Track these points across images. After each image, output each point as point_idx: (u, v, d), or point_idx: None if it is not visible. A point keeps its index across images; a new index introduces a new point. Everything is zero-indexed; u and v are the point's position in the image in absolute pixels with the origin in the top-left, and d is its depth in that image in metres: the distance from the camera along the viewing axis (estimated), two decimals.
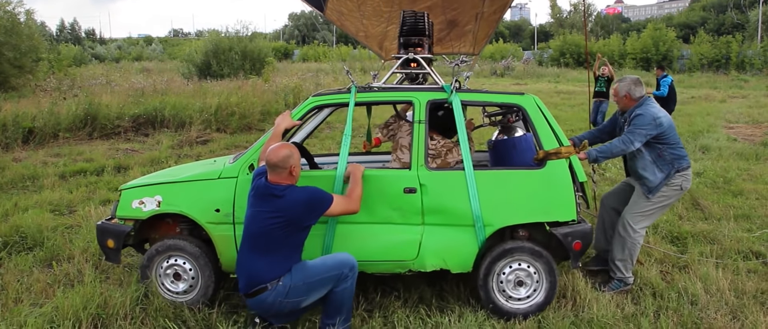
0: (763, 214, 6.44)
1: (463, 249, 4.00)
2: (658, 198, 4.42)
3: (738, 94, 23.56)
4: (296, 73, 24.99)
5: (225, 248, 4.11)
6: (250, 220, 3.60)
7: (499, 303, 4.02)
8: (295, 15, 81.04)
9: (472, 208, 3.94)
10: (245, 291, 3.55)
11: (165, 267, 4.21)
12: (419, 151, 4.04)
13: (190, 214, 4.13)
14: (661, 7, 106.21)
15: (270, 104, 14.76)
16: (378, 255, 4.02)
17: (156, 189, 4.20)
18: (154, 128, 12.74)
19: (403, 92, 4.27)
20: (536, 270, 4.03)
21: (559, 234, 4.01)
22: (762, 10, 42.21)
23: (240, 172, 4.10)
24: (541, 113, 4.14)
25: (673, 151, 4.39)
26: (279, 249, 3.53)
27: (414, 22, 4.47)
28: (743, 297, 4.26)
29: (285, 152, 3.52)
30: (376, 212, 4.00)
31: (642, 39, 38.65)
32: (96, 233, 4.35)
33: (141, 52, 54.52)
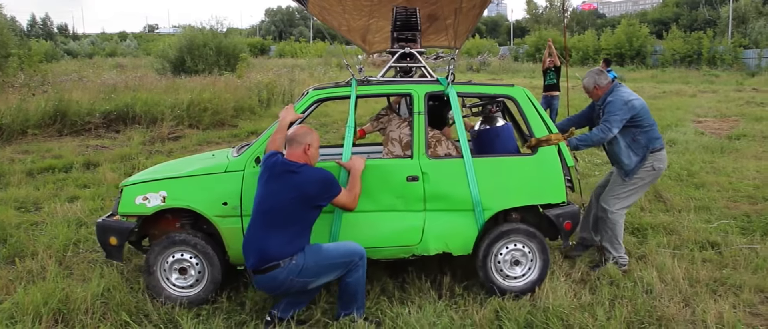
0: (723, 205, 6.60)
1: (463, 233, 4.27)
2: (634, 181, 4.70)
3: (709, 89, 23.92)
4: (272, 69, 24.89)
5: (233, 241, 4.16)
6: (264, 197, 3.65)
7: (498, 281, 4.30)
8: (272, 10, 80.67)
9: (472, 193, 4.22)
10: (256, 267, 3.58)
11: (171, 262, 4.20)
12: (420, 140, 4.26)
13: (197, 208, 4.15)
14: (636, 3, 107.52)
15: (243, 100, 14.71)
16: (383, 242, 4.21)
17: (160, 184, 4.20)
18: (126, 125, 12.63)
19: (402, 85, 4.47)
20: (531, 250, 4.34)
21: (551, 215, 4.34)
22: (733, 7, 42.92)
23: (246, 165, 4.18)
24: (530, 103, 4.46)
25: (647, 134, 4.64)
26: (292, 226, 3.61)
27: (406, 17, 4.62)
28: (697, 286, 4.38)
29: (305, 129, 3.79)
30: (380, 201, 4.19)
31: (616, 35, 39.09)
32: (96, 230, 4.29)
33: (115, 48, 53.77)
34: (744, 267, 4.76)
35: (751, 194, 7.09)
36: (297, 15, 78.59)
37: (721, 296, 4.23)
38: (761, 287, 4.41)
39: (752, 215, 6.22)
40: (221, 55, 24.67)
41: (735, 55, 34.51)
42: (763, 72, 30.82)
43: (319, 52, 43.79)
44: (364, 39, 6.11)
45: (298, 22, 78.49)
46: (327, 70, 24.36)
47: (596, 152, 9.27)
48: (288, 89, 16.69)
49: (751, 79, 28.09)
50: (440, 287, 4.37)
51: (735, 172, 8.38)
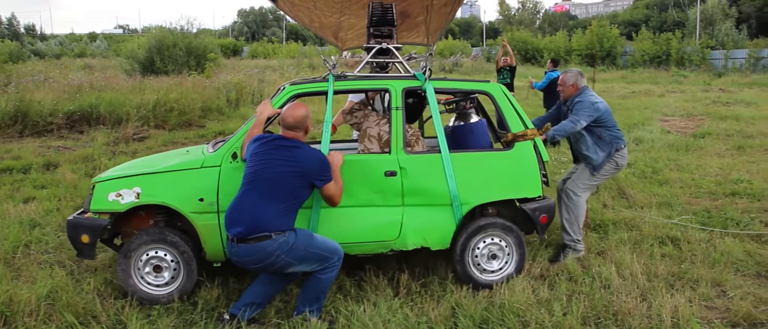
0: (684, 201, 6.65)
1: (441, 227, 4.30)
2: (601, 174, 5.01)
3: (677, 89, 24.26)
4: (243, 69, 24.65)
5: (210, 237, 4.10)
6: (262, 166, 3.60)
7: (475, 275, 4.36)
8: (245, 11, 79.86)
9: (450, 188, 4.25)
10: (245, 236, 3.48)
11: (145, 260, 4.12)
12: (398, 136, 4.26)
13: (173, 204, 4.07)
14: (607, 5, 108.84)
15: (211, 100, 14.50)
16: (362, 237, 4.21)
17: (134, 181, 4.10)
18: (90, 125, 12.36)
19: (379, 81, 4.47)
20: (508, 244, 4.42)
21: (527, 209, 4.43)
22: (700, 9, 43.65)
23: (223, 160, 4.12)
24: (506, 99, 4.54)
25: (611, 132, 4.94)
26: (287, 200, 3.57)
27: (382, 12, 4.64)
28: (655, 280, 4.39)
29: (303, 111, 3.72)
30: (358, 196, 4.19)
31: (587, 36, 39.52)
32: (67, 228, 4.17)
33: (84, 49, 52.81)
34: (701, 261, 4.79)
35: (712, 191, 7.17)
36: (270, 16, 78.07)
37: (678, 290, 4.24)
38: (718, 281, 4.44)
39: (712, 210, 6.28)
40: (191, 55, 24.33)
41: (702, 56, 35.10)
42: (729, 73, 31.39)
43: (291, 53, 43.51)
44: (336, 36, 6.06)
45: (272, 23, 77.89)
46: (298, 70, 24.19)
47: (563, 151, 9.31)
48: (257, 90, 16.50)
49: (718, 79, 28.59)
50: (398, 284, 4.32)
51: (698, 169, 8.48)
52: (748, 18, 49.62)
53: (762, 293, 4.26)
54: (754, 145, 10.43)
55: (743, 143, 10.63)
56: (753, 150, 10.03)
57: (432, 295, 4.16)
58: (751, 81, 26.58)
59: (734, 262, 4.83)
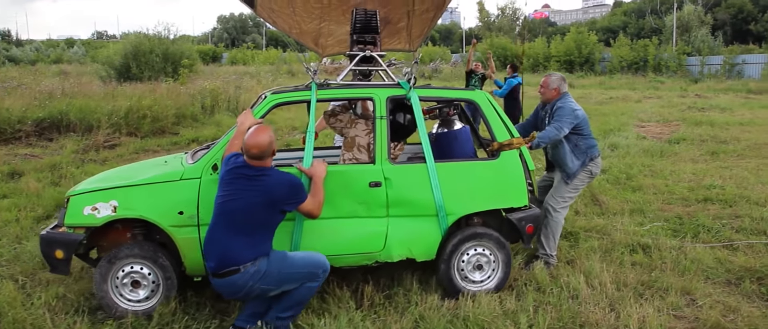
0: (657, 208, 6.62)
1: (427, 238, 4.23)
2: (575, 183, 4.95)
3: (654, 94, 24.45)
4: (221, 76, 24.43)
5: (189, 251, 3.98)
6: (229, 197, 3.49)
7: (461, 285, 4.29)
8: (224, 17, 79.34)
9: (435, 198, 4.18)
10: (216, 271, 3.43)
11: (122, 276, 3.96)
12: (383, 146, 4.17)
13: (151, 218, 3.93)
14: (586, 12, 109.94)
15: (185, 107, 14.28)
16: (346, 249, 4.12)
17: (110, 193, 3.94)
18: (60, 133, 12.11)
19: (363, 89, 4.36)
20: (493, 254, 4.34)
21: (514, 219, 4.36)
22: (676, 16, 44.15)
23: (203, 172, 3.99)
24: (492, 107, 4.48)
25: (587, 141, 4.92)
26: (257, 230, 3.48)
27: (366, 20, 4.56)
28: (624, 290, 4.32)
29: (266, 138, 3.52)
30: (342, 207, 4.09)
31: (565, 42, 39.78)
32: (40, 243, 3.99)
33: (61, 55, 52.12)
34: (671, 269, 4.73)
35: (685, 197, 7.15)
36: (250, 22, 77.63)
37: (647, 299, 4.18)
38: (687, 289, 4.39)
39: (684, 217, 6.25)
40: (168, 61, 24.07)
41: (679, 62, 35.47)
42: (705, 78, 31.75)
43: (271, 60, 43.28)
44: (316, 42, 5.98)
45: (251, 29, 77.46)
46: (275, 77, 24.00)
47: (537, 157, 9.26)
48: (234, 96, 16.31)
49: (694, 85, 28.90)
50: (362, 296, 4.20)
51: (672, 175, 8.47)
52: (724, 25, 50.32)
53: (731, 301, 4.22)
54: (728, 150, 10.48)
55: (717, 148, 10.68)
56: (726, 155, 10.08)
57: (396, 307, 4.05)
58: (726, 87, 26.90)
59: (705, 270, 4.78)
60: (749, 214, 6.27)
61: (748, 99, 21.66)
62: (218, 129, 13.07)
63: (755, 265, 4.78)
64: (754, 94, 23.98)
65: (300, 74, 35.22)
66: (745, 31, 50.24)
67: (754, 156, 9.99)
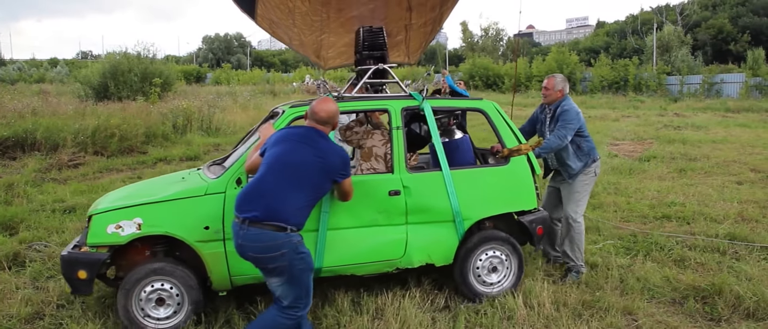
0: (613, 226, 6.53)
1: (445, 243, 4.39)
2: (580, 184, 5.02)
3: (632, 114, 24.55)
4: (202, 95, 24.31)
5: (216, 265, 3.99)
6: (287, 151, 3.47)
7: (477, 288, 4.48)
8: (210, 38, 79.34)
9: (452, 205, 4.34)
10: (259, 219, 3.30)
11: (146, 294, 3.93)
12: (400, 155, 4.32)
13: (177, 234, 3.92)
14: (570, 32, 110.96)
15: (156, 125, 14.13)
16: (368, 257, 4.22)
17: (134, 211, 3.90)
18: (24, 151, 11.91)
19: (378, 101, 4.52)
20: (507, 256, 4.56)
21: (525, 221, 4.56)
22: (657, 36, 44.59)
23: (228, 186, 4.01)
24: (500, 116, 4.69)
25: (588, 143, 5.04)
26: (307, 192, 3.43)
27: (372, 37, 4.76)
28: (563, 310, 4.21)
29: (334, 106, 3.67)
30: (363, 216, 4.19)
31: (547, 62, 39.99)
32: (61, 265, 3.89)
33: (43, 75, 51.82)
34: (614, 288, 4.64)
35: (644, 214, 7.08)
36: (235, 42, 77.75)
37: (585, 320, 4.07)
38: (630, 309, 4.30)
39: (639, 235, 6.17)
40: (146, 81, 23.90)
41: (659, 81, 35.72)
42: (684, 97, 31.97)
43: (254, 80, 43.22)
44: (318, 55, 5.99)
45: (236, 49, 77.52)
46: (253, 96, 23.92)
47: None
48: (207, 116, 16.16)
49: (673, 104, 29.06)
50: None
51: (636, 192, 8.42)
52: (704, 45, 50.89)
53: (673, 321, 4.13)
54: (696, 168, 10.45)
55: (686, 166, 10.65)
56: (694, 173, 10.05)
57: (318, 325, 3.91)
58: (705, 106, 27.07)
59: (651, 288, 4.70)
60: (705, 231, 6.20)
61: (725, 117, 21.78)
62: (188, 148, 12.93)
63: (702, 284, 4.69)
64: (732, 112, 24.13)
65: (281, 94, 35.24)
66: (725, 51, 50.81)
67: (721, 173, 9.96)
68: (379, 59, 4.78)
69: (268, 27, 5.01)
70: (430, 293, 4.54)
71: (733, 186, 8.80)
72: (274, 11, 4.77)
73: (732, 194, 8.17)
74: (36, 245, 5.96)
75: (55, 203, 7.87)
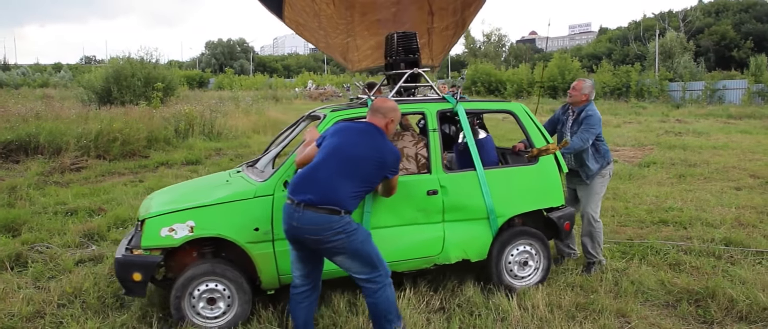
0: (611, 230, 6.57)
1: (480, 240, 4.61)
2: (597, 184, 5.29)
3: (634, 120, 24.58)
4: (205, 100, 24.42)
5: (265, 265, 4.15)
6: (345, 143, 3.64)
7: (510, 282, 4.72)
8: (212, 43, 79.62)
9: (486, 203, 4.56)
10: (314, 203, 3.46)
11: (199, 294, 4.06)
12: (436, 156, 4.51)
13: (229, 236, 4.06)
14: (572, 38, 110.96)
15: (158, 130, 14.22)
16: (407, 254, 4.42)
17: (187, 214, 4.04)
18: (27, 155, 12.00)
19: (415, 104, 4.73)
20: (537, 250, 4.81)
21: (554, 217, 4.82)
22: (659, 43, 44.63)
23: (275, 189, 4.16)
24: (529, 117, 4.91)
25: (604, 146, 5.32)
26: (360, 182, 3.59)
27: (406, 41, 4.95)
28: (557, 311, 4.26)
29: (393, 104, 3.88)
30: (403, 215, 4.39)
31: (549, 68, 40.06)
32: (116, 267, 4.00)
33: (47, 79, 52.07)
34: (609, 291, 4.68)
35: (641, 219, 7.12)
36: (238, 48, 78.06)
37: (579, 322, 4.11)
38: (623, 311, 4.34)
39: (635, 239, 6.21)
40: (149, 86, 24.01)
41: (661, 87, 35.75)
42: (686, 104, 31.99)
43: (257, 85, 43.35)
44: (345, 57, 6.09)
45: (239, 55, 77.81)
46: (255, 101, 24.04)
47: None
48: (209, 120, 16.25)
49: (675, 110, 29.07)
50: (287, 318, 4.11)
51: (634, 197, 8.46)
52: (707, 51, 50.89)
53: (666, 323, 4.17)
54: (695, 173, 10.48)
55: (685, 171, 10.69)
56: (693, 178, 10.08)
57: None
58: (707, 112, 27.08)
59: (645, 291, 4.74)
60: (701, 236, 6.24)
61: (727, 124, 21.78)
62: (190, 152, 13.00)
63: (695, 287, 4.73)
64: (734, 119, 24.14)
65: (284, 99, 35.40)
66: (728, 57, 50.82)
67: (720, 179, 9.99)
68: (412, 63, 4.95)
69: (295, 28, 5.20)
70: (425, 294, 4.58)
71: (731, 192, 8.83)
72: (301, 14, 4.92)
73: (730, 199, 8.20)
74: (38, 247, 6.04)
75: (57, 205, 7.94)
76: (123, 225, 6.95)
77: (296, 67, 77.31)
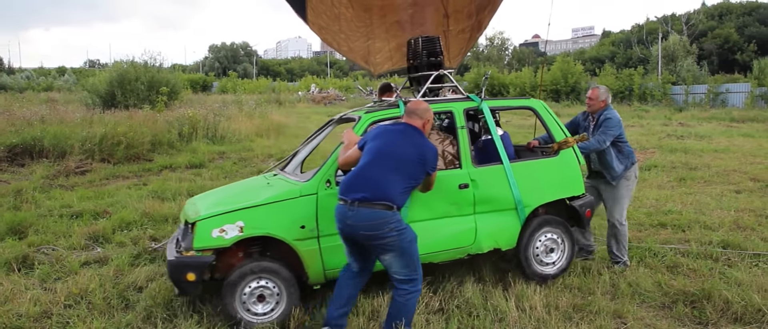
0: (600, 235, 6.61)
1: (509, 229, 4.89)
2: (622, 186, 5.48)
3: (637, 123, 24.57)
4: (208, 104, 24.52)
5: (312, 261, 4.35)
6: (388, 144, 3.86)
7: (537, 269, 5.00)
8: (216, 47, 79.89)
9: (514, 194, 4.84)
10: (367, 199, 3.66)
11: (250, 291, 4.21)
12: (466, 152, 4.79)
13: (277, 234, 4.25)
14: (576, 42, 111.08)
15: (162, 133, 14.31)
16: (443, 246, 4.67)
17: (237, 215, 4.21)
18: (32, 159, 12.11)
19: (443, 104, 4.99)
20: (561, 238, 5.10)
21: (576, 205, 5.13)
22: (662, 46, 44.65)
23: (319, 188, 4.36)
24: (549, 113, 5.22)
25: (628, 148, 5.50)
26: (408, 179, 3.81)
27: (431, 45, 5.18)
28: (554, 313, 4.32)
29: (426, 105, 4.11)
30: (437, 209, 4.64)
31: (552, 72, 40.04)
32: (169, 268, 4.16)
33: (51, 83, 52.30)
34: (605, 292, 4.74)
35: (641, 222, 7.18)
36: (241, 51, 78.30)
37: (575, 322, 4.18)
38: (619, 312, 4.40)
39: (634, 241, 6.26)
40: (153, 89, 24.11)
41: (664, 91, 35.74)
42: (689, 107, 31.99)
43: (260, 89, 43.47)
44: (366, 60, 6.21)
45: (243, 58, 78.05)
46: (258, 105, 24.11)
47: None
48: (213, 124, 16.34)
49: (678, 114, 29.06)
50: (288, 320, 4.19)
51: (634, 201, 8.48)
52: (710, 55, 50.91)
53: (661, 324, 4.24)
54: (696, 177, 10.52)
55: (686, 175, 10.73)
56: (693, 182, 10.12)
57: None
58: (710, 115, 27.07)
59: (641, 293, 4.80)
60: (699, 238, 6.30)
61: (729, 127, 21.79)
62: (193, 156, 13.08)
63: (692, 289, 4.79)
64: (737, 122, 24.13)
65: (287, 103, 35.49)
66: (732, 60, 50.82)
67: (720, 182, 10.03)
68: (436, 65, 5.16)
69: (318, 31, 5.35)
70: (424, 295, 4.64)
71: (731, 195, 8.88)
72: (322, 17, 5.05)
73: (729, 202, 8.25)
74: (44, 249, 6.13)
75: (62, 208, 8.03)
76: (127, 228, 7.03)
77: (299, 71, 77.49)
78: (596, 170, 5.62)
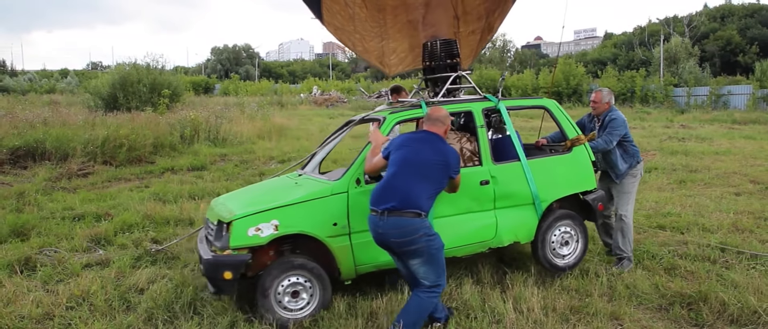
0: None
1: (528, 223, 5.09)
2: (627, 183, 5.66)
3: (638, 125, 24.54)
4: (210, 106, 24.56)
5: (344, 257, 4.49)
6: (412, 153, 4.02)
7: (553, 260, 5.20)
8: (218, 49, 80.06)
9: (531, 189, 5.04)
10: (397, 208, 3.82)
11: (284, 288, 4.32)
12: (485, 149, 4.98)
13: (311, 232, 4.38)
14: (578, 44, 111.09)
15: (164, 136, 14.37)
16: (465, 240, 4.85)
17: (270, 214, 4.32)
18: (35, 161, 12.16)
19: (462, 104, 5.19)
20: (575, 231, 5.31)
21: (589, 199, 5.34)
22: (664, 48, 44.63)
23: (349, 186, 4.53)
24: (561, 112, 5.43)
25: (633, 146, 5.68)
26: (433, 185, 3.98)
27: (448, 47, 5.35)
28: (551, 315, 4.35)
29: (445, 112, 4.29)
30: (459, 204, 4.81)
31: (554, 73, 40.03)
32: (206, 267, 4.23)
33: (54, 85, 52.39)
34: (603, 294, 4.77)
35: (640, 224, 7.20)
36: (243, 54, 78.42)
37: (573, 324, 4.21)
38: (616, 314, 4.43)
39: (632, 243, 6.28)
40: (155, 92, 24.18)
41: (666, 93, 35.72)
42: (691, 109, 31.96)
43: (262, 91, 43.51)
44: (381, 61, 6.28)
45: (245, 60, 78.18)
46: (260, 107, 24.16)
47: None
48: (214, 126, 16.39)
49: (680, 115, 29.04)
50: None
51: (635, 203, 8.48)
52: (712, 56, 50.85)
53: (658, 326, 4.27)
54: (696, 179, 10.53)
55: (686, 177, 10.73)
56: (693, 184, 10.13)
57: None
58: (712, 117, 27.05)
59: (639, 295, 4.83)
60: (697, 241, 6.32)
61: (731, 129, 21.77)
62: (195, 158, 13.13)
63: (689, 291, 4.82)
64: (739, 124, 24.10)
65: (289, 105, 35.52)
66: (734, 62, 50.74)
67: (720, 185, 10.05)
68: (453, 67, 5.32)
69: (334, 31, 5.46)
70: None
71: (730, 197, 8.90)
72: (337, 17, 5.13)
73: (729, 204, 8.27)
74: (46, 251, 6.18)
75: (64, 210, 8.09)
76: (129, 230, 7.08)
77: (301, 73, 77.66)
78: (602, 169, 5.78)
